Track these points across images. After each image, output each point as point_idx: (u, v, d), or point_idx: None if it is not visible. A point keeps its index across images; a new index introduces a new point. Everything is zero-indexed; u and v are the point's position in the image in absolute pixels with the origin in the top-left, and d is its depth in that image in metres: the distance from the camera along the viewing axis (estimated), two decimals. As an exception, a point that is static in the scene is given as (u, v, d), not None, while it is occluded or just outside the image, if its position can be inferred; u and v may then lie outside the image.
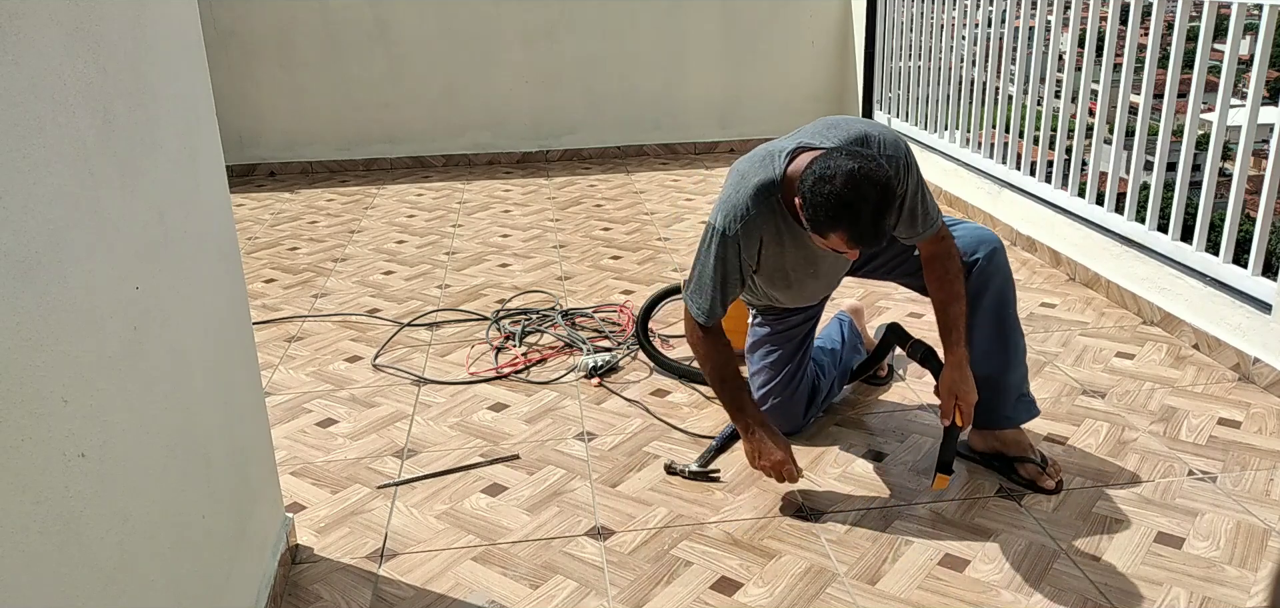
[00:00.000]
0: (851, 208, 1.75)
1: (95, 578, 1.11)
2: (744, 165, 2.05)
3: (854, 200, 1.75)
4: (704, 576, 1.91)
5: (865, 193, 1.75)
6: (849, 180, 1.75)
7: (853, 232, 1.78)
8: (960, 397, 2.05)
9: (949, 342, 2.09)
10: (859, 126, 2.00)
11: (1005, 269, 2.19)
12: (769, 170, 1.98)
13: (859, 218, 1.76)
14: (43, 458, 1.01)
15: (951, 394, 2.06)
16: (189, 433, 1.44)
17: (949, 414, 2.07)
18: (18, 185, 0.98)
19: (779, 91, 5.86)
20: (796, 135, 2.04)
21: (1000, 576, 1.89)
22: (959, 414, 2.06)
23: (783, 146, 2.01)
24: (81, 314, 1.11)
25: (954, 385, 2.06)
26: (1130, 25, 3.25)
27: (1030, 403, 2.24)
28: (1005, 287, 2.19)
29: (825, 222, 1.79)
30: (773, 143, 2.06)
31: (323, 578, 1.94)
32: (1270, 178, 2.61)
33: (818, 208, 1.79)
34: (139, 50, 1.34)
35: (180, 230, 1.47)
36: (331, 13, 5.33)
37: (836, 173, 1.76)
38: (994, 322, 2.17)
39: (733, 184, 2.04)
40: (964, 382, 2.06)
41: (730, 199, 2.02)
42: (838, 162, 1.78)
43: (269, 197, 5.09)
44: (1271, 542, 1.97)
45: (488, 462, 2.35)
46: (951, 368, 2.07)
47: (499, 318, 3.23)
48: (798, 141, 2.00)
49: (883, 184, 1.76)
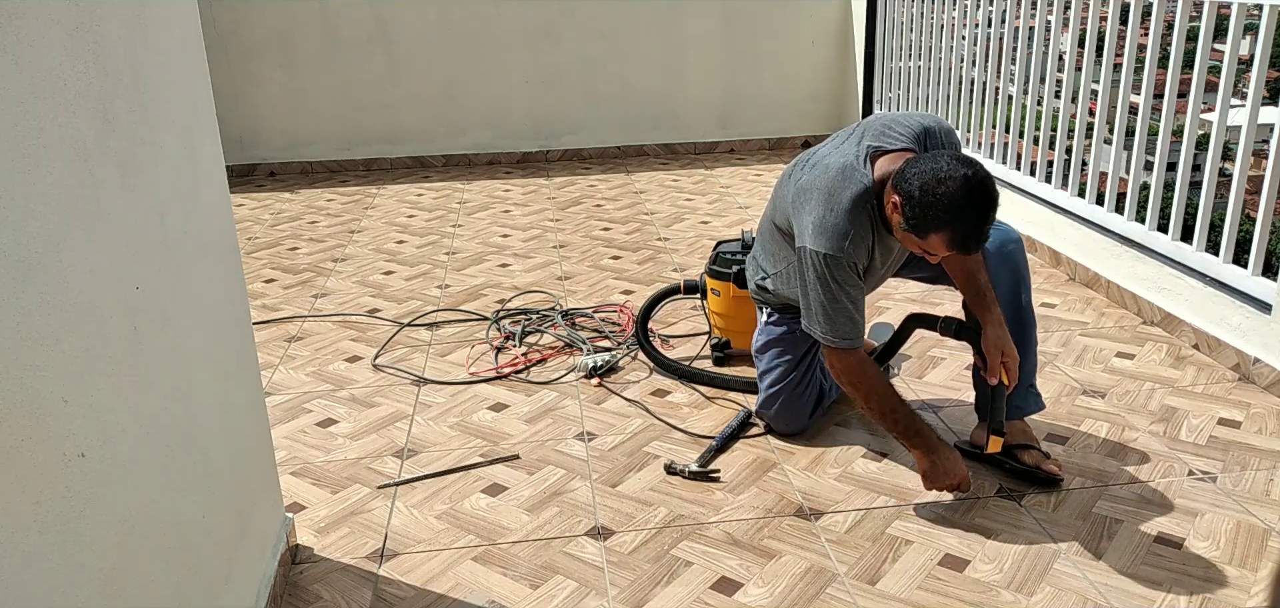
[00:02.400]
0: (964, 212, 1.79)
1: (95, 578, 1.11)
2: (826, 183, 2.01)
3: (968, 205, 1.78)
4: (704, 576, 1.91)
5: (977, 200, 1.78)
6: (965, 185, 1.78)
7: (957, 235, 1.81)
8: (1006, 353, 2.06)
9: (984, 304, 2.10)
10: (918, 120, 2.04)
11: (1020, 258, 2.21)
12: (858, 182, 1.99)
13: (967, 222, 1.79)
14: (43, 458, 1.01)
15: (997, 351, 2.07)
16: (189, 433, 1.44)
17: (996, 373, 2.07)
18: (18, 185, 0.98)
19: (779, 91, 5.86)
20: (858, 137, 2.05)
21: (1000, 576, 1.89)
22: (1005, 372, 2.06)
23: (856, 152, 2.02)
24: (81, 314, 1.11)
25: (998, 342, 2.07)
26: (1130, 25, 3.25)
27: (1038, 396, 2.25)
28: (1020, 275, 2.21)
29: (933, 223, 1.81)
30: (838, 152, 2.06)
31: (323, 578, 1.93)
32: (1270, 178, 2.61)
33: (928, 208, 1.80)
34: (139, 50, 1.34)
35: (180, 230, 1.47)
36: (331, 13, 5.33)
37: (951, 176, 1.79)
38: (1009, 307, 2.18)
39: (821, 204, 2.01)
40: (1007, 339, 2.07)
41: (828, 222, 1.99)
42: (950, 166, 1.81)
43: (269, 197, 5.09)
44: (1271, 542, 1.97)
45: (488, 462, 2.35)
46: (992, 326, 2.08)
47: (499, 318, 3.23)
48: (870, 144, 2.02)
49: (992, 193, 1.80)
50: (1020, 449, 2.21)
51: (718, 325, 2.91)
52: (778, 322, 2.41)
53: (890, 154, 2.00)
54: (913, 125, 2.03)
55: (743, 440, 2.42)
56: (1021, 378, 2.19)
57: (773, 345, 2.40)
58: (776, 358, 2.39)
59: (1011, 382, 2.08)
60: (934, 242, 1.85)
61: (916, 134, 2.01)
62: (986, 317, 2.10)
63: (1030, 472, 2.17)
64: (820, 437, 2.44)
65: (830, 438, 2.43)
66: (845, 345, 2.07)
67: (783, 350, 2.38)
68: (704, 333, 3.05)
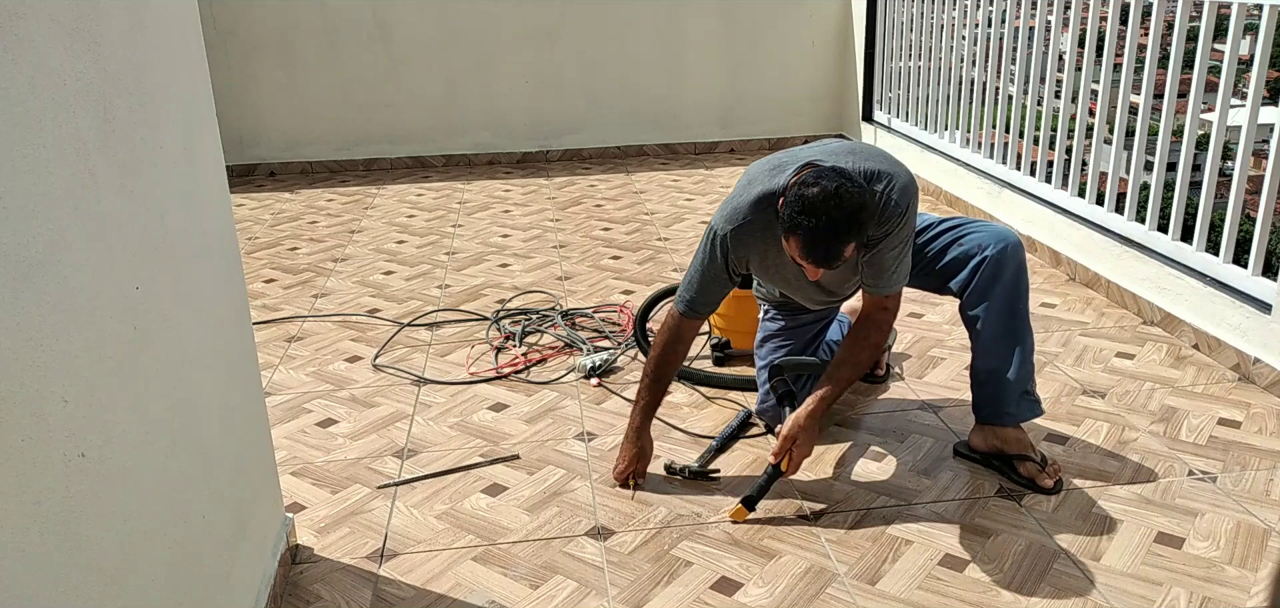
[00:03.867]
0: (813, 218, 1.79)
1: (95, 578, 1.11)
2: (754, 171, 2.07)
3: (818, 212, 1.79)
4: (704, 576, 1.91)
5: (832, 212, 1.78)
6: (823, 195, 1.79)
7: (807, 242, 1.82)
8: (796, 444, 2.06)
9: (819, 389, 2.09)
10: (878, 162, 2.00)
11: (1018, 264, 2.17)
12: (774, 181, 2.00)
13: (815, 232, 1.80)
14: (43, 458, 1.01)
15: (790, 439, 2.07)
16: (189, 433, 1.44)
17: (780, 456, 2.07)
18: (18, 185, 0.98)
19: (779, 92, 5.86)
20: (816, 150, 2.06)
21: (1000, 576, 1.89)
22: (789, 460, 2.07)
23: (796, 159, 2.03)
24: (81, 314, 1.11)
25: (796, 430, 2.06)
26: (1130, 25, 3.25)
27: (1034, 401, 2.23)
28: (1017, 281, 2.17)
29: (788, 224, 1.84)
30: (790, 152, 2.08)
31: (323, 578, 1.93)
32: (1270, 178, 2.61)
33: (788, 207, 1.84)
34: (139, 50, 1.34)
35: (180, 230, 1.47)
36: (331, 13, 5.33)
37: (816, 183, 1.81)
38: (1004, 313, 2.17)
39: (740, 187, 2.07)
40: (807, 432, 2.06)
41: (732, 202, 2.06)
42: (826, 176, 1.83)
43: (269, 197, 5.09)
44: (1271, 542, 1.97)
45: (488, 462, 2.35)
46: (805, 414, 2.07)
47: (499, 318, 3.23)
48: (812, 157, 2.01)
49: (852, 213, 1.79)
50: (1016, 460, 2.20)
51: (718, 325, 2.91)
52: (774, 317, 2.42)
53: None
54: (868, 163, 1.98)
55: (743, 440, 2.42)
56: (1014, 387, 2.18)
57: (771, 339, 2.42)
58: (773, 353, 2.39)
59: (789, 471, 2.08)
60: (793, 245, 1.86)
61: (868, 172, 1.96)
62: (809, 401, 2.08)
63: (1026, 485, 2.18)
64: (820, 437, 2.43)
65: (830, 438, 2.43)
66: (678, 304, 2.16)
67: (779, 345, 2.39)
68: (704, 333, 3.05)
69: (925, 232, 2.25)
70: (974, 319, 2.19)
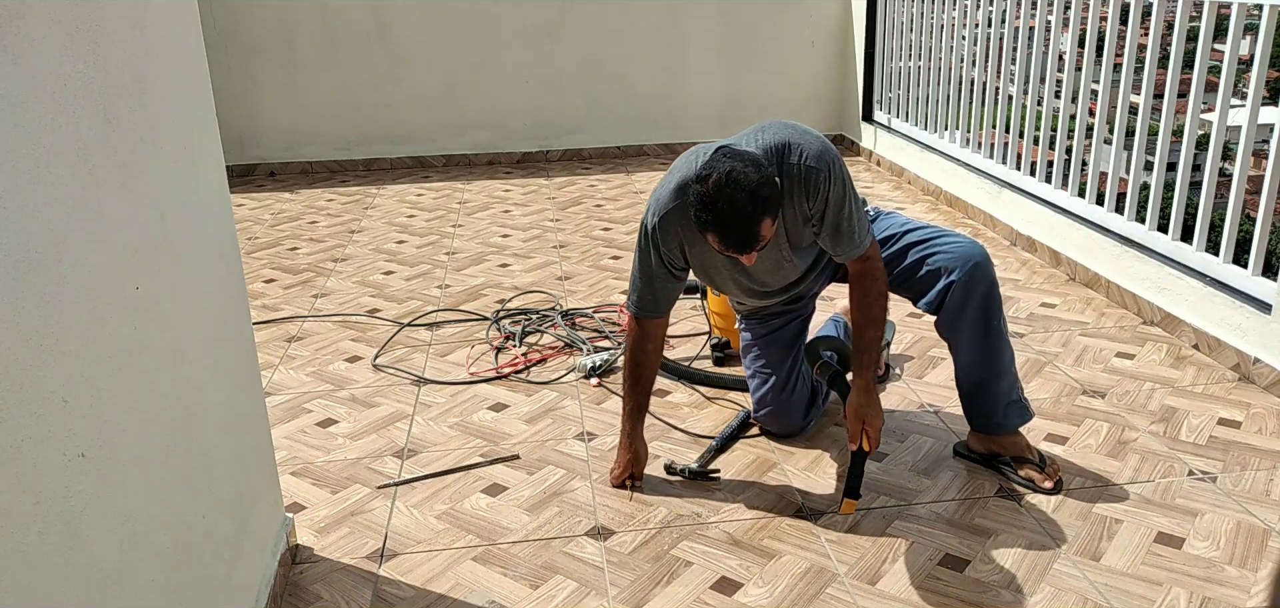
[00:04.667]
0: (717, 211, 1.76)
1: (95, 578, 1.11)
2: (679, 161, 2.05)
3: (720, 204, 1.75)
4: (704, 576, 1.91)
5: (732, 197, 1.74)
6: (717, 183, 1.75)
7: (720, 235, 1.79)
8: (867, 421, 2.06)
9: (859, 365, 2.09)
10: (785, 133, 1.96)
11: (988, 280, 2.14)
12: (690, 167, 1.96)
13: (725, 222, 1.76)
14: (43, 458, 1.01)
15: (858, 419, 2.06)
16: (189, 433, 1.44)
17: (856, 438, 2.07)
18: (18, 185, 0.98)
19: (779, 91, 5.86)
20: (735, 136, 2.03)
21: (1000, 576, 1.89)
22: (866, 438, 2.06)
23: (712, 145, 1.98)
24: (81, 314, 1.11)
25: (860, 410, 2.06)
26: (1130, 25, 3.25)
27: (1022, 408, 2.22)
28: (988, 298, 2.14)
29: (699, 223, 1.82)
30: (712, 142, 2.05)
31: (323, 578, 1.93)
32: (1270, 178, 2.61)
33: (693, 207, 1.81)
34: (139, 50, 1.34)
35: (180, 230, 1.47)
36: (331, 13, 5.33)
37: (710, 174, 1.77)
38: (979, 333, 2.15)
39: (662, 180, 2.06)
40: (870, 406, 2.06)
41: (656, 193, 2.05)
42: (717, 163, 1.78)
43: (269, 197, 5.09)
44: (1271, 542, 1.97)
45: (488, 462, 2.35)
46: (858, 392, 2.07)
47: (499, 318, 3.23)
48: (724, 141, 1.99)
49: (752, 190, 1.74)
50: (1016, 462, 2.20)
51: (717, 325, 2.91)
52: (746, 327, 2.42)
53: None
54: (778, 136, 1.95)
55: (743, 440, 2.42)
56: (1000, 397, 2.18)
57: (749, 350, 2.42)
58: (754, 362, 2.39)
59: (871, 448, 2.07)
60: (712, 242, 1.83)
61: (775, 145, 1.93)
62: (857, 379, 2.08)
63: (1025, 485, 2.18)
64: (820, 437, 2.44)
65: (830, 438, 2.43)
66: (630, 306, 2.15)
67: (758, 354, 2.38)
68: (704, 333, 3.05)
69: (889, 242, 2.21)
70: (952, 339, 2.20)
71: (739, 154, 1.81)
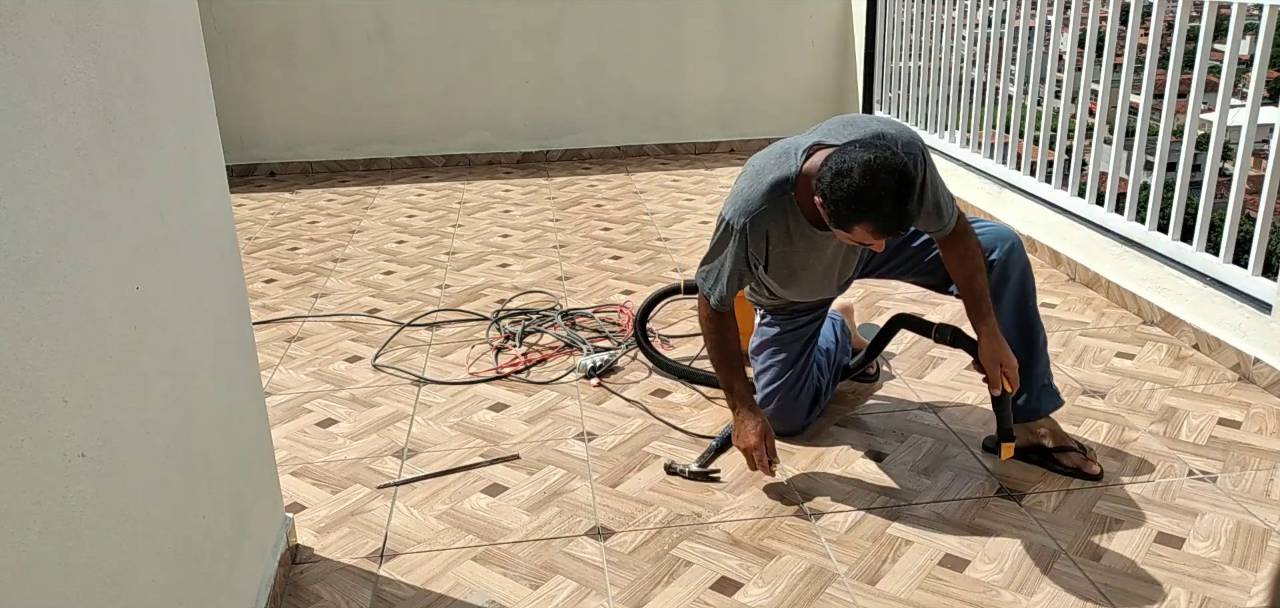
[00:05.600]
0: (873, 199, 1.77)
1: (95, 579, 1.11)
2: (760, 161, 2.05)
3: (874, 191, 1.76)
4: (704, 576, 1.91)
5: (884, 182, 1.76)
6: (866, 171, 1.76)
7: (877, 222, 1.80)
8: (1003, 362, 2.05)
9: (980, 312, 2.09)
10: (875, 124, 2.01)
11: (1024, 263, 2.21)
12: (785, 168, 1.99)
13: (881, 208, 1.78)
14: (43, 458, 1.01)
15: (995, 362, 2.06)
16: (189, 433, 1.44)
17: (997, 383, 2.06)
18: (18, 185, 0.98)
19: (779, 92, 5.86)
20: (813, 133, 2.05)
21: (1000, 576, 1.89)
22: (1006, 380, 2.06)
23: (799, 144, 2.02)
24: (81, 314, 1.11)
25: (995, 354, 2.06)
26: (1130, 25, 3.25)
27: (1054, 392, 2.25)
28: (1025, 280, 2.20)
29: (848, 216, 1.81)
30: (791, 139, 2.07)
31: (323, 578, 1.93)
32: (1270, 178, 2.61)
33: (839, 203, 1.80)
34: (139, 50, 1.34)
35: (180, 230, 1.47)
36: (331, 13, 5.33)
37: (853, 165, 1.78)
38: (1016, 315, 2.19)
39: (748, 178, 2.04)
40: (1003, 348, 2.06)
41: (743, 193, 2.03)
42: (853, 154, 1.80)
43: (269, 197, 5.09)
44: (1271, 542, 1.97)
45: (488, 462, 2.35)
46: (987, 337, 2.07)
47: (499, 318, 3.23)
48: (814, 139, 2.01)
49: (900, 171, 1.78)
50: (1057, 452, 2.22)
51: (718, 325, 2.90)
52: (770, 322, 2.41)
53: (828, 150, 1.95)
54: (869, 128, 1.98)
55: (743, 440, 2.42)
56: (1035, 380, 2.20)
57: (767, 346, 2.41)
58: (771, 358, 2.39)
59: (1013, 388, 2.07)
60: (861, 233, 1.84)
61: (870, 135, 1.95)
62: (982, 327, 2.09)
63: (1072, 474, 2.19)
64: (820, 437, 2.44)
65: (830, 438, 2.43)
66: (712, 300, 2.14)
67: (777, 350, 2.38)
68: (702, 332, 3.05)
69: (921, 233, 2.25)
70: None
71: (867, 144, 1.83)
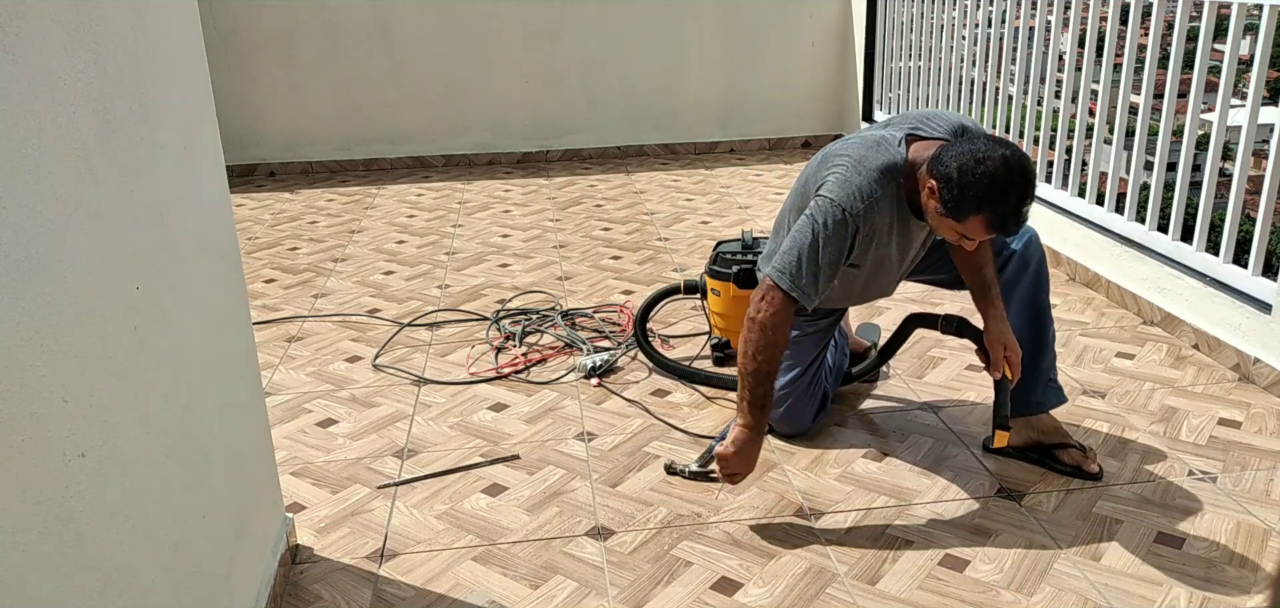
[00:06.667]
0: (1002, 191, 1.79)
1: (95, 578, 1.11)
2: (857, 151, 2.00)
3: (1008, 185, 1.79)
4: (704, 576, 1.91)
5: (1016, 180, 1.80)
6: (1005, 165, 1.79)
7: (996, 216, 1.82)
8: (1007, 346, 2.07)
9: (988, 297, 2.11)
10: (954, 117, 2.04)
11: (1041, 256, 2.22)
12: (890, 154, 1.98)
13: (1006, 202, 1.81)
14: (43, 458, 1.01)
15: (1000, 344, 2.08)
16: (189, 433, 1.44)
17: (1000, 367, 2.08)
18: (18, 185, 0.98)
19: (779, 91, 5.86)
20: (897, 124, 2.05)
21: (1000, 576, 1.89)
22: (1009, 366, 2.07)
23: (892, 134, 2.02)
24: (81, 314, 1.11)
25: (1000, 335, 2.08)
26: (1130, 25, 3.25)
27: (1058, 389, 2.26)
28: (1041, 273, 2.22)
29: (973, 204, 1.82)
30: (873, 130, 2.07)
31: (323, 578, 1.93)
32: (1270, 178, 2.61)
33: (967, 188, 1.81)
34: (139, 50, 1.34)
35: (180, 230, 1.47)
36: (331, 13, 5.33)
37: (991, 156, 1.80)
38: (1029, 306, 2.20)
39: (849, 167, 1.98)
40: (1008, 333, 2.09)
41: (851, 180, 1.95)
42: (990, 147, 1.82)
43: (269, 197, 5.09)
44: (1271, 542, 1.97)
45: (488, 462, 2.35)
46: (994, 320, 2.10)
47: (499, 318, 3.23)
48: (908, 128, 2.02)
49: (1032, 175, 1.82)
50: (1057, 449, 2.22)
51: (718, 325, 2.91)
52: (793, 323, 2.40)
53: (925, 141, 1.98)
54: (951, 120, 2.02)
55: (743, 440, 2.42)
56: (1040, 373, 2.21)
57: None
58: (787, 358, 2.38)
59: (1014, 376, 2.09)
60: (972, 225, 1.85)
61: (954, 128, 2.00)
62: (989, 311, 2.11)
63: (1072, 472, 2.20)
64: (820, 437, 2.44)
65: (830, 438, 2.43)
66: (793, 292, 1.96)
67: (791, 353, 2.38)
68: (704, 333, 3.05)
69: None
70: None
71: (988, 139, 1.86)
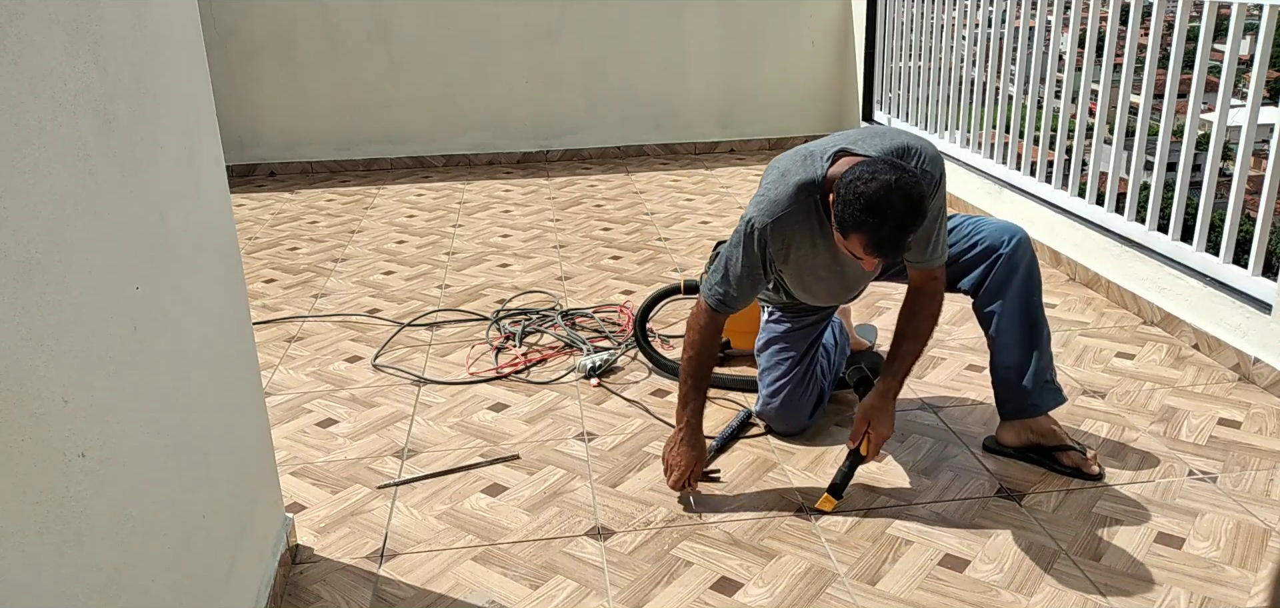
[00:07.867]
0: (879, 215, 1.77)
1: (95, 578, 1.11)
2: (785, 163, 2.04)
3: (882, 208, 1.76)
4: (704, 576, 1.91)
5: (894, 204, 1.76)
6: (884, 188, 1.76)
7: (873, 238, 1.79)
8: (873, 424, 2.08)
9: (891, 371, 2.12)
10: (902, 139, 2.01)
11: (1030, 257, 2.22)
12: (810, 170, 1.98)
13: (882, 227, 1.78)
14: (43, 458, 1.01)
15: (866, 420, 2.09)
16: (189, 433, 1.44)
17: (858, 438, 2.09)
18: (18, 185, 0.98)
19: (779, 91, 5.86)
20: (838, 139, 2.05)
21: (1000, 576, 1.89)
22: (867, 443, 2.08)
23: (825, 148, 2.01)
24: (81, 314, 1.11)
25: (870, 411, 2.09)
26: (1130, 25, 3.25)
27: (1056, 390, 2.25)
28: (1031, 274, 2.21)
29: (850, 222, 1.80)
30: (814, 144, 2.07)
31: (323, 578, 1.93)
32: (1270, 178, 2.61)
33: (847, 205, 1.80)
34: (139, 50, 1.34)
35: (180, 230, 1.47)
36: (331, 13, 5.33)
37: (874, 177, 1.78)
38: (1020, 308, 2.20)
39: (772, 180, 2.03)
40: (882, 411, 2.09)
41: (768, 194, 2.01)
42: (880, 168, 1.80)
43: (269, 197, 5.09)
44: (1271, 542, 1.97)
45: (488, 462, 2.35)
46: (874, 395, 2.11)
47: (499, 318, 3.23)
48: (840, 145, 2.01)
49: (915, 202, 1.78)
50: (1057, 451, 2.22)
51: (718, 325, 2.90)
52: (779, 320, 2.41)
53: (854, 158, 1.95)
54: (896, 141, 1.99)
55: (743, 440, 2.42)
56: (1037, 375, 2.20)
57: (774, 343, 2.40)
58: (778, 355, 2.39)
59: (869, 455, 2.10)
60: (854, 243, 1.82)
61: (896, 149, 1.96)
62: (882, 384, 2.11)
63: (1073, 474, 2.20)
64: (820, 437, 2.44)
65: (830, 438, 2.43)
66: (710, 300, 2.09)
67: (785, 348, 2.38)
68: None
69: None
70: (990, 316, 2.22)
71: (897, 164, 1.83)
